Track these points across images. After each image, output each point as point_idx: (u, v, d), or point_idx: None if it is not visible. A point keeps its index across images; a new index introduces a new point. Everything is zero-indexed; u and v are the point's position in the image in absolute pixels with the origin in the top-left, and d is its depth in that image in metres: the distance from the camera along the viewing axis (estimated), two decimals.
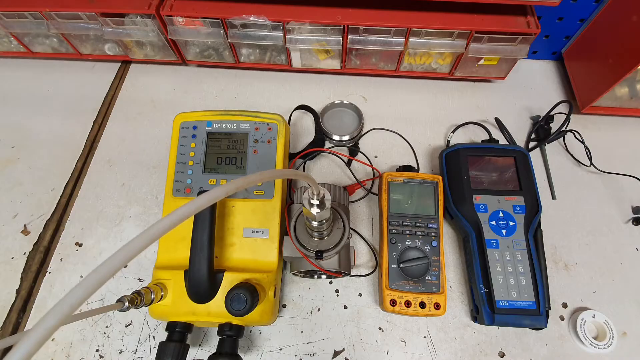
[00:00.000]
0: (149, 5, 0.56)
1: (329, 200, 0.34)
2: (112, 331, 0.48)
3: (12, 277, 0.51)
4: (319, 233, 0.42)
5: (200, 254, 0.41)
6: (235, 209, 0.48)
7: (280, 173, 0.27)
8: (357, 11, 0.56)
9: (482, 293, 0.46)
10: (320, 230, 0.40)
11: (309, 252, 0.43)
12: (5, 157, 0.61)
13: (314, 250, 0.43)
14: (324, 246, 0.43)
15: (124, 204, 0.57)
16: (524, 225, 0.48)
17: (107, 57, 0.67)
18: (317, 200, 0.33)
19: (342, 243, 0.43)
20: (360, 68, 0.66)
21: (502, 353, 0.47)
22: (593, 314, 0.47)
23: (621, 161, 0.59)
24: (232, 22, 0.56)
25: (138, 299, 0.38)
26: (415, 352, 0.47)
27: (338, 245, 0.43)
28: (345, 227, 0.44)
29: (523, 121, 0.64)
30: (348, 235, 0.44)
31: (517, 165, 0.52)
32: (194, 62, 0.67)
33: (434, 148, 0.61)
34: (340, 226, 0.45)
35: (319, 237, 0.43)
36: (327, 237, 0.43)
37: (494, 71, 0.64)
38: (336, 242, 0.43)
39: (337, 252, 0.44)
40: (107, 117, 0.65)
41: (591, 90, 0.60)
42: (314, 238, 0.43)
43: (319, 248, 0.43)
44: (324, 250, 0.43)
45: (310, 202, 0.33)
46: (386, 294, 0.46)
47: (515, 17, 0.56)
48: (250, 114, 0.50)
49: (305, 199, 0.33)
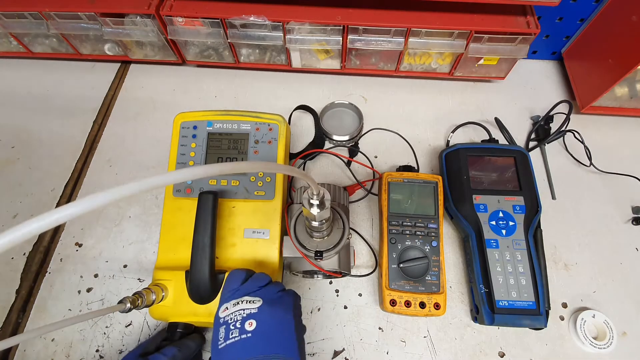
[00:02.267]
0: (149, 5, 0.56)
1: (328, 200, 0.34)
2: (112, 331, 0.48)
3: (12, 277, 0.51)
4: (319, 233, 0.42)
5: (202, 254, 0.41)
6: (236, 210, 0.48)
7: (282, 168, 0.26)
8: (357, 11, 0.56)
9: (482, 293, 0.46)
10: (320, 230, 0.40)
11: (309, 252, 0.43)
12: (5, 157, 0.61)
13: (313, 250, 0.43)
14: (324, 246, 0.43)
15: (124, 204, 0.57)
16: (524, 225, 0.48)
17: (107, 57, 0.67)
18: (317, 200, 0.33)
19: (342, 243, 0.43)
20: (360, 68, 0.66)
21: (502, 353, 0.47)
22: (593, 314, 0.47)
23: (621, 161, 0.59)
24: (232, 22, 0.56)
25: (139, 300, 0.39)
26: (415, 352, 0.47)
27: (338, 245, 0.43)
28: (345, 227, 0.44)
29: (523, 121, 0.64)
30: (348, 235, 0.44)
31: (517, 165, 0.52)
32: (193, 62, 0.67)
33: (434, 148, 0.61)
34: (340, 226, 0.45)
35: (318, 237, 0.43)
36: (326, 237, 0.43)
37: (493, 71, 0.64)
38: (336, 242, 0.43)
39: (337, 252, 0.44)
40: (107, 117, 0.65)
41: (591, 90, 0.60)
42: (314, 238, 0.43)
43: (318, 248, 0.43)
44: (324, 250, 0.43)
45: (310, 202, 0.33)
46: (386, 294, 0.46)
47: (515, 17, 0.56)
48: (251, 114, 0.50)
49: (305, 199, 0.33)
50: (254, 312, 0.32)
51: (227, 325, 0.32)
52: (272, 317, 0.32)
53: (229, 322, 0.32)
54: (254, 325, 0.31)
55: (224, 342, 0.31)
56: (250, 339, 0.31)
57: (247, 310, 0.33)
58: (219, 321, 0.34)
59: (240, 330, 0.31)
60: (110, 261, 0.52)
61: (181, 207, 0.48)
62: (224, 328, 0.32)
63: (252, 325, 0.31)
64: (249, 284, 0.36)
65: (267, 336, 0.31)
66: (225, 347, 0.31)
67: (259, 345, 0.30)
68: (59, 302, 0.50)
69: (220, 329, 0.33)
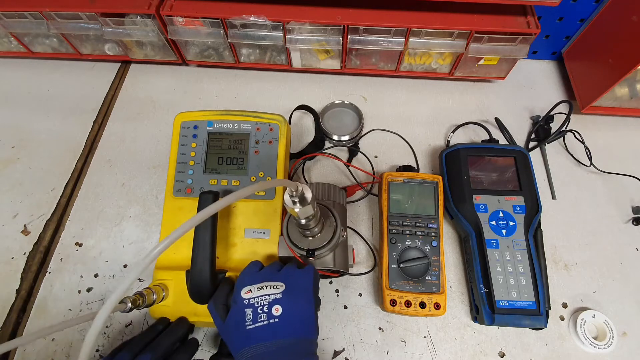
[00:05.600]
0: (149, 5, 0.56)
1: (309, 197, 0.34)
2: (112, 331, 0.48)
3: (12, 277, 0.51)
4: (309, 231, 0.42)
5: (202, 254, 0.41)
6: (237, 210, 0.48)
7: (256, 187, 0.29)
8: (357, 11, 0.56)
9: (482, 293, 0.46)
10: (309, 227, 0.41)
11: (301, 250, 0.43)
12: (5, 157, 0.61)
13: (305, 249, 0.43)
14: (316, 244, 0.43)
15: (124, 204, 0.57)
16: (524, 225, 0.48)
17: (107, 57, 0.67)
18: (297, 198, 0.34)
19: (335, 240, 0.43)
20: (360, 68, 0.66)
21: (502, 353, 0.47)
22: (593, 314, 0.47)
23: (621, 161, 0.59)
24: (232, 22, 0.56)
25: (140, 300, 0.39)
26: (415, 352, 0.47)
27: (330, 242, 0.43)
28: (337, 224, 0.44)
29: (523, 121, 0.64)
30: (341, 232, 0.44)
31: (517, 165, 0.52)
32: (194, 62, 0.67)
33: (434, 148, 0.62)
34: (332, 224, 0.45)
35: (310, 235, 0.43)
36: (318, 234, 0.43)
37: (494, 71, 0.64)
38: (328, 239, 0.43)
39: (331, 249, 0.44)
40: (107, 117, 0.65)
41: (591, 90, 0.60)
42: (306, 237, 0.43)
43: (310, 246, 0.43)
44: (316, 248, 0.43)
45: (292, 199, 0.34)
46: (386, 294, 0.46)
47: (515, 17, 0.56)
48: (251, 114, 0.50)
49: (285, 197, 0.34)
50: (278, 297, 0.36)
51: (254, 308, 0.35)
52: (295, 304, 0.36)
53: (256, 306, 0.35)
54: (280, 311, 0.35)
55: (252, 325, 0.35)
56: (277, 323, 0.35)
57: (272, 295, 0.36)
58: (243, 302, 0.36)
59: (268, 315, 0.35)
60: (110, 261, 0.52)
61: (182, 207, 0.48)
62: (251, 311, 0.35)
63: (279, 311, 0.35)
64: (267, 269, 0.39)
65: (292, 322, 0.35)
66: (254, 328, 0.34)
67: (287, 330, 0.35)
68: (59, 302, 0.50)
69: (246, 310, 0.35)
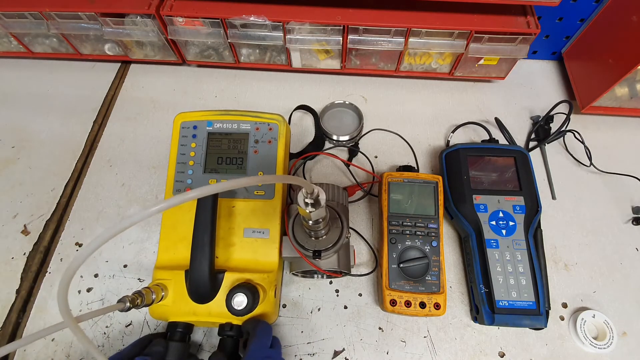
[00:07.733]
0: (149, 5, 0.56)
1: (323, 199, 0.34)
2: (112, 331, 0.48)
3: (12, 277, 0.51)
4: (316, 232, 0.42)
5: (201, 254, 0.41)
6: (236, 209, 0.48)
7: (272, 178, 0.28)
8: (357, 11, 0.56)
9: (482, 293, 0.46)
10: (317, 229, 0.40)
11: (307, 251, 0.43)
12: (5, 157, 0.61)
13: (312, 250, 0.43)
14: (322, 245, 0.43)
15: (124, 204, 0.57)
16: (524, 225, 0.48)
17: (107, 57, 0.67)
18: (312, 200, 0.33)
19: (341, 242, 0.43)
20: (360, 68, 0.66)
21: (502, 353, 0.47)
22: (593, 314, 0.47)
23: (621, 161, 0.59)
24: (232, 22, 0.56)
25: (139, 299, 0.38)
26: (415, 352, 0.47)
27: (336, 244, 0.43)
28: (343, 226, 0.44)
29: (523, 121, 0.64)
30: (346, 234, 0.44)
31: (517, 165, 0.52)
32: (194, 62, 0.67)
33: (434, 148, 0.61)
34: (338, 225, 0.45)
35: (316, 237, 0.43)
36: (325, 236, 0.43)
37: (493, 71, 0.64)
38: (334, 241, 0.43)
39: (336, 251, 0.44)
40: (107, 117, 0.65)
41: (591, 90, 0.60)
42: (312, 237, 0.43)
43: (317, 247, 0.43)
44: (322, 249, 0.43)
45: (305, 201, 0.33)
46: (386, 294, 0.46)
47: (515, 17, 0.56)
48: (251, 114, 0.50)
49: (299, 198, 0.34)
50: None
51: None
52: None
53: None
54: None
55: None
56: None
57: None
58: None
59: None
60: (110, 261, 0.52)
61: (181, 206, 0.48)
62: None
63: None
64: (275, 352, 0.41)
65: None
66: None
67: None
68: None
69: None
